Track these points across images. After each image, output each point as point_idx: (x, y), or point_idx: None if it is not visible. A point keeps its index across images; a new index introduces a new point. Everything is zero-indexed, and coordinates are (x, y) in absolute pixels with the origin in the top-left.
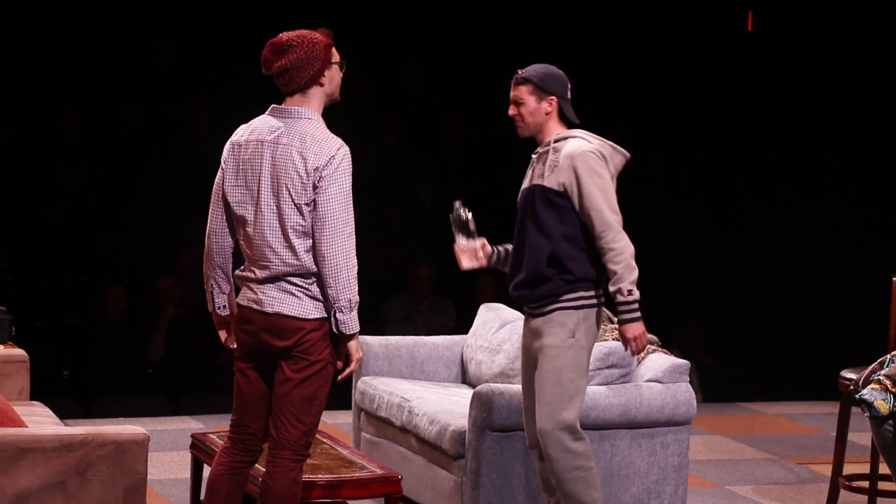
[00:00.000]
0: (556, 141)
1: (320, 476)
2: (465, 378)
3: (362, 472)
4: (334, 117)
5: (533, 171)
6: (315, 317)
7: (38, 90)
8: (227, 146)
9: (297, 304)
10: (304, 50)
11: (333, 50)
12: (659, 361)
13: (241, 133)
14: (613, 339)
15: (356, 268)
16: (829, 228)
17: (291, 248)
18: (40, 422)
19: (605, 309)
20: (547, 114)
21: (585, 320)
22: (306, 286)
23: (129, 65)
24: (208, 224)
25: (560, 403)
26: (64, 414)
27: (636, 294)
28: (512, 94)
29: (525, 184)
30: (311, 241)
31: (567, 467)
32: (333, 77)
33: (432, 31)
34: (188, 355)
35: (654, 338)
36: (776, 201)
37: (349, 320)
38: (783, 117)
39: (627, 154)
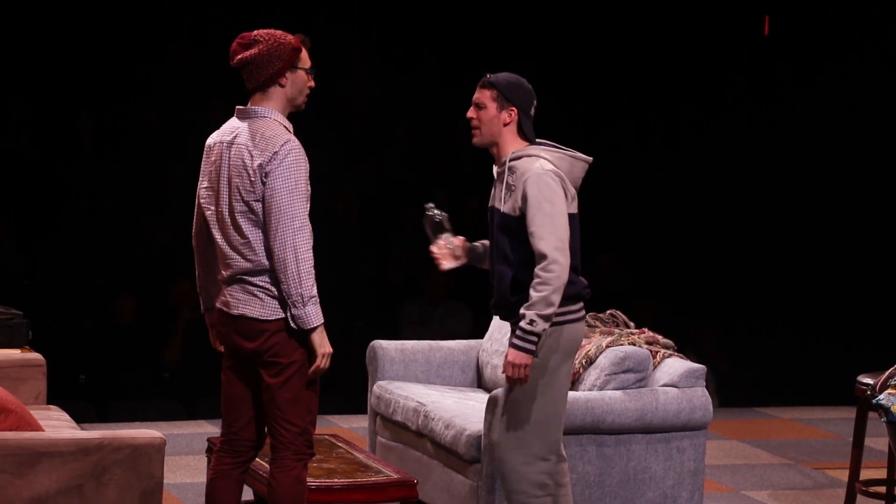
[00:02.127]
0: (512, 160)
1: (336, 480)
2: (480, 382)
3: (378, 477)
4: (349, 121)
5: (494, 189)
6: (276, 317)
7: (54, 94)
8: (204, 149)
9: (259, 306)
10: (267, 46)
11: (303, 55)
12: (675, 366)
13: (212, 136)
14: (629, 344)
15: (310, 261)
16: (846, 232)
17: (249, 245)
18: (57, 426)
19: (619, 313)
20: (505, 124)
21: (557, 337)
22: (267, 286)
23: (145, 68)
24: (193, 226)
25: (522, 438)
26: (81, 418)
27: (539, 327)
28: (475, 95)
29: (490, 201)
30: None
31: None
32: (296, 81)
33: (447, 34)
34: (204, 359)
35: (670, 342)
36: (792, 205)
37: (305, 315)
38: (799, 121)
39: (588, 159)
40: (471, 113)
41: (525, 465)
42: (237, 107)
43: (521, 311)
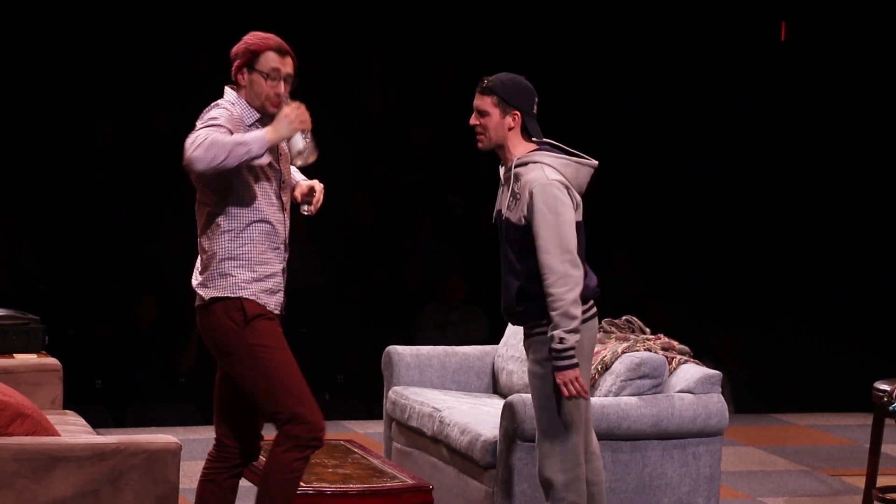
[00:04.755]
0: (518, 166)
1: (352, 486)
2: (496, 388)
3: (393, 482)
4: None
5: (501, 192)
6: (203, 300)
7: (72, 100)
8: None
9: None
10: (239, 44)
11: (264, 58)
12: (691, 372)
13: None
14: (645, 350)
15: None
16: (864, 238)
17: (196, 224)
18: (73, 430)
19: (635, 319)
20: (510, 129)
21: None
22: (203, 267)
23: (160, 73)
24: None
25: (545, 450)
26: (97, 423)
27: (570, 341)
28: (476, 102)
29: (497, 205)
30: (211, 220)
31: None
32: (253, 84)
33: (463, 39)
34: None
35: (686, 348)
36: (810, 209)
37: None
38: (816, 126)
39: (594, 163)
40: (474, 120)
41: (563, 472)
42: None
43: (549, 332)
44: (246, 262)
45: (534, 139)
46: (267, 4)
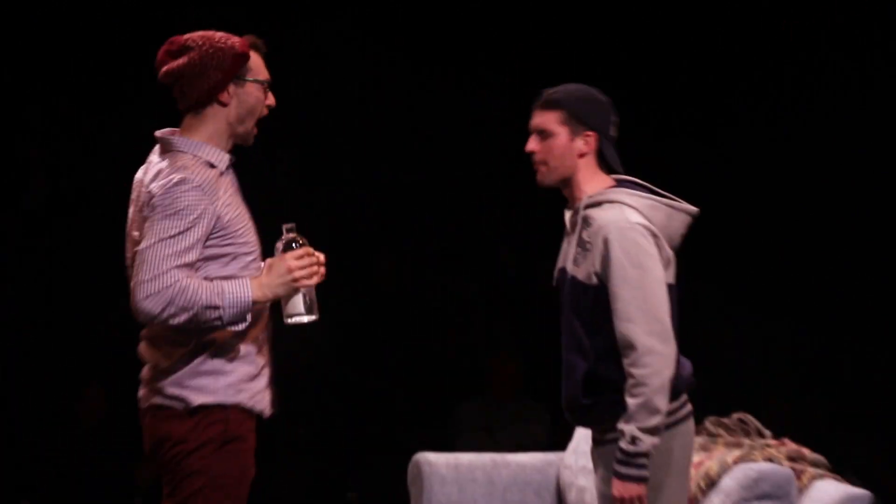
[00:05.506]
0: (587, 206)
1: None
2: None
3: None
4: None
5: (565, 243)
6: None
7: None
8: None
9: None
10: (200, 54)
11: (253, 63)
12: (828, 491)
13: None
14: (765, 459)
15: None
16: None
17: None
18: None
19: (750, 418)
20: (581, 155)
21: (657, 449)
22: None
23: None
24: None
25: None
26: None
27: (645, 444)
28: (535, 121)
29: (559, 260)
30: None
31: None
32: (245, 98)
33: (516, 44)
34: None
35: (821, 458)
36: (814, 212)
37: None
38: (816, 126)
39: (693, 209)
40: (532, 145)
41: None
42: (156, 133)
43: (619, 426)
44: (237, 356)
45: (612, 175)
46: (269, 5)
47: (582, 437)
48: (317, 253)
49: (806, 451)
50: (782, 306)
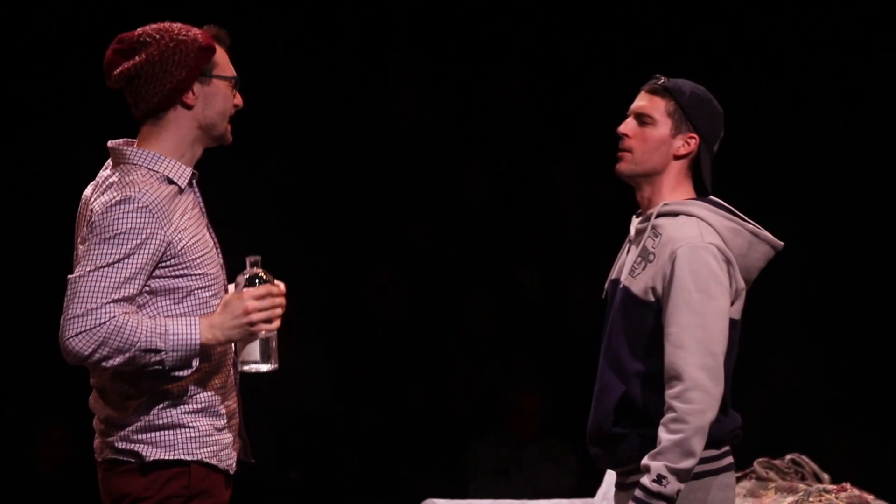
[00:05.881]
0: (661, 214)
1: None
2: None
3: None
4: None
5: (623, 252)
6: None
7: None
8: None
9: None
10: (160, 49)
11: (218, 57)
12: None
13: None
14: None
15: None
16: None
17: None
18: None
19: (806, 460)
20: (676, 157)
21: (695, 497)
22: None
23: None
24: None
25: None
26: None
27: (671, 487)
28: (640, 103)
29: (613, 270)
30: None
31: None
32: (212, 98)
33: (535, 38)
34: None
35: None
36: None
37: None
38: (817, 125)
39: (778, 243)
40: (627, 127)
41: None
42: (109, 143)
43: (645, 461)
44: (198, 408)
45: (700, 188)
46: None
47: (613, 483)
48: (279, 285)
49: (870, 498)
50: (843, 332)
